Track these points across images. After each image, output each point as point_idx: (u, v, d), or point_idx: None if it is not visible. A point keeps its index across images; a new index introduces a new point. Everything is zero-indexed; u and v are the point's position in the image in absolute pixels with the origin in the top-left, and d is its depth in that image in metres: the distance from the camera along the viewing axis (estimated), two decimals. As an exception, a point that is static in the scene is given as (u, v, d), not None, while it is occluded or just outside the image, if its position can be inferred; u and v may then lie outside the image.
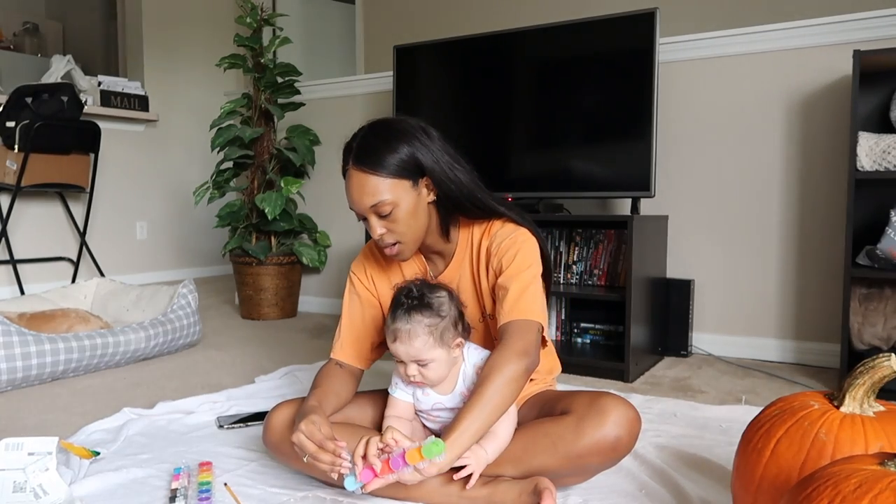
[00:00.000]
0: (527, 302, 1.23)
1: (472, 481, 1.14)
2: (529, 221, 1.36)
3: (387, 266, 1.44)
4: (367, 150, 1.24)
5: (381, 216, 1.25)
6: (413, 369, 1.23)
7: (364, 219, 1.27)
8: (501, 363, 1.15)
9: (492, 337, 1.39)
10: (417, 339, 1.20)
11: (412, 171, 1.25)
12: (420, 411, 1.33)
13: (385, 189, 1.23)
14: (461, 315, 1.27)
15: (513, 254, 1.28)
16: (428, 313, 1.21)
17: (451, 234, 1.37)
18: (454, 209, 1.33)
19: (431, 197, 1.29)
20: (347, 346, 1.42)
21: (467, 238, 1.38)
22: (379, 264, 1.45)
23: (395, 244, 1.28)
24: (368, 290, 1.44)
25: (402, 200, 1.24)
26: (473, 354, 1.29)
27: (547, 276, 1.35)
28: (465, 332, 1.28)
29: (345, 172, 1.28)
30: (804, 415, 0.97)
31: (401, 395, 1.32)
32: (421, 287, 1.24)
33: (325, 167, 3.48)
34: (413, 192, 1.26)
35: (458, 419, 1.11)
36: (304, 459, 1.16)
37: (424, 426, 1.36)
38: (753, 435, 1.01)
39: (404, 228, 1.26)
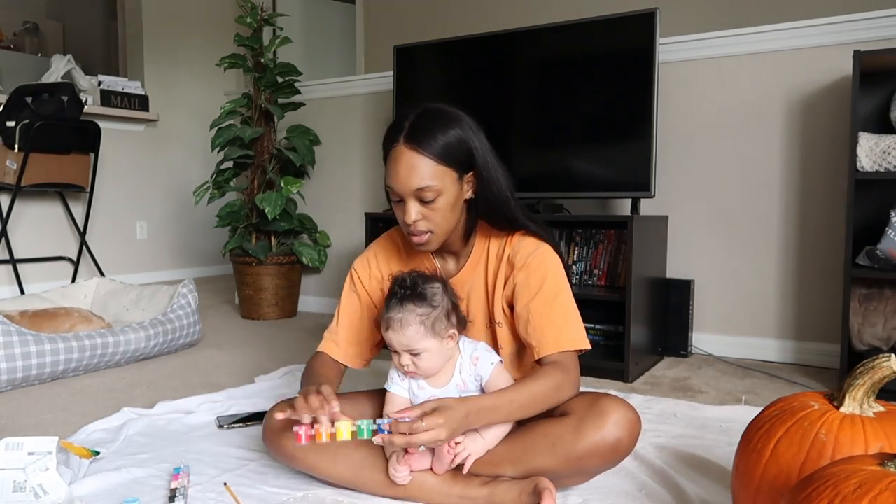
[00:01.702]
0: (572, 332, 1.26)
1: (468, 465, 1.18)
2: (552, 236, 1.35)
3: (395, 267, 1.42)
4: (422, 130, 1.21)
5: (423, 202, 1.23)
6: (406, 359, 1.23)
7: (399, 201, 1.25)
8: (561, 385, 1.20)
9: (497, 344, 1.37)
10: (409, 328, 1.20)
11: (461, 163, 1.24)
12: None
13: (435, 175, 1.21)
14: (455, 307, 1.27)
15: (541, 276, 1.28)
16: (420, 303, 1.21)
17: (471, 237, 1.37)
18: (483, 213, 1.32)
19: (469, 194, 1.28)
20: (344, 343, 1.41)
21: (484, 244, 1.37)
22: (388, 264, 1.43)
23: (426, 233, 1.26)
24: (367, 290, 1.43)
25: (446, 190, 1.23)
26: (468, 347, 1.29)
27: None
28: (460, 324, 1.27)
29: (388, 150, 1.24)
30: (804, 415, 0.97)
31: (397, 389, 1.31)
32: (415, 278, 1.24)
33: (325, 167, 3.48)
34: (458, 184, 1.25)
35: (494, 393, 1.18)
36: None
37: None
38: (753, 435, 1.01)
39: (440, 219, 1.25)
